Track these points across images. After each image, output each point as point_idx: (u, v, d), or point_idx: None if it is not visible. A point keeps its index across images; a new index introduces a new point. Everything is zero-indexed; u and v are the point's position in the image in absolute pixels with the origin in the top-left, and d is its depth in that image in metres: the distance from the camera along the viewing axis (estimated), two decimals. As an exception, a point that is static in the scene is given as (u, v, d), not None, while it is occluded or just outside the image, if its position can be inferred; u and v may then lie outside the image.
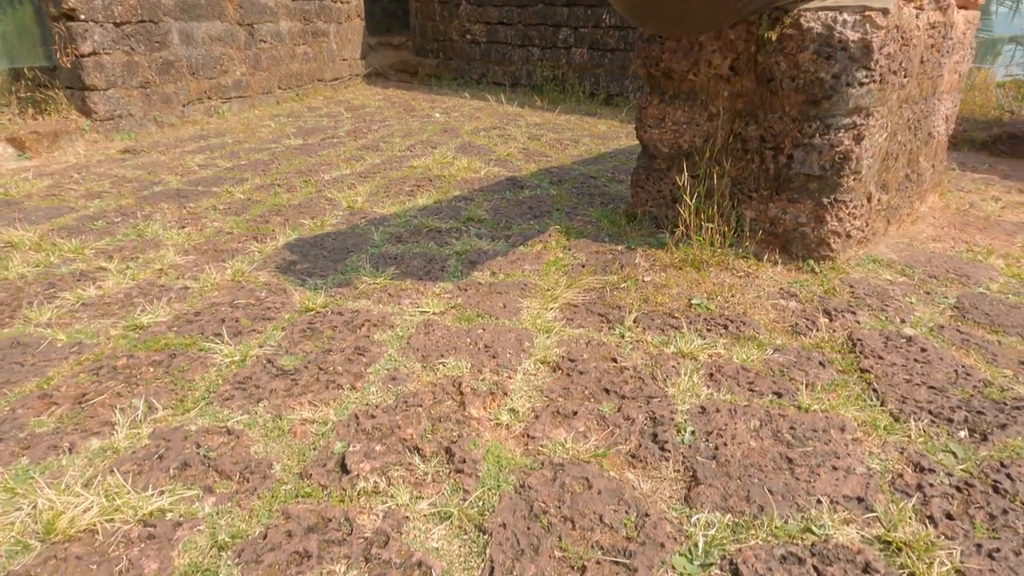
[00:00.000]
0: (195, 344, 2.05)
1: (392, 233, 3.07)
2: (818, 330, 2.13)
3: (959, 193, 3.70)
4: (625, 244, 2.86)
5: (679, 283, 2.47)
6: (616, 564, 1.25)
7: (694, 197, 2.73)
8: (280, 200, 3.60)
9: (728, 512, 1.38)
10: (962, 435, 1.62)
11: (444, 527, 1.35)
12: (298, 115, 6.52)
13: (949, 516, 1.36)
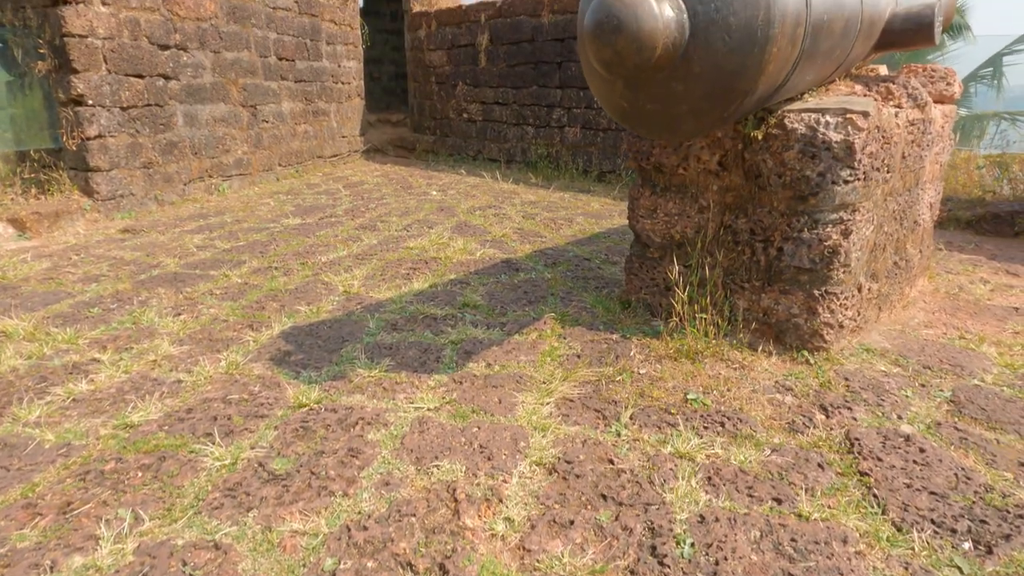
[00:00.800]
0: (185, 445, 2.02)
1: (388, 320, 3.08)
2: (815, 427, 2.12)
3: (948, 275, 3.76)
4: (620, 332, 2.87)
5: (674, 375, 2.47)
6: None
7: (687, 288, 2.76)
8: (277, 284, 3.62)
9: (731, 638, 1.33)
10: (966, 547, 1.59)
11: (437, 657, 1.30)
12: (297, 192, 6.64)
13: (959, 642, 1.32)
